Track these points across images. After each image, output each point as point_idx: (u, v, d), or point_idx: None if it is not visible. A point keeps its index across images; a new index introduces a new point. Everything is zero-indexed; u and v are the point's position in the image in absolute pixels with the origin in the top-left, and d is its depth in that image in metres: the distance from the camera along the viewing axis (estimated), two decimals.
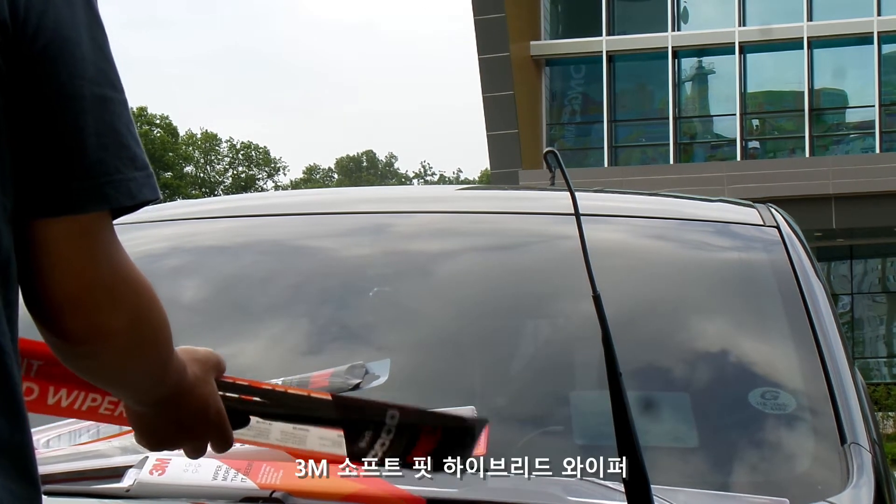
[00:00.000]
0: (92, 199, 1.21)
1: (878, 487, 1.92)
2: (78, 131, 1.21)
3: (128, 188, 1.23)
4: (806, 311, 2.26)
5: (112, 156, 1.22)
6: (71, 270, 1.21)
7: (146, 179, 1.25)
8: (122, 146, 1.23)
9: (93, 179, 1.21)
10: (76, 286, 1.22)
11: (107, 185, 1.22)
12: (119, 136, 1.23)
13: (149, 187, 1.25)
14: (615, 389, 1.62)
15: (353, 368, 1.88)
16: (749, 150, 28.29)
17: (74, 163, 1.21)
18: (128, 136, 1.24)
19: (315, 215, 2.76)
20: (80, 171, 1.21)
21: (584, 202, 1.80)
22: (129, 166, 1.24)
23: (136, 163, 1.25)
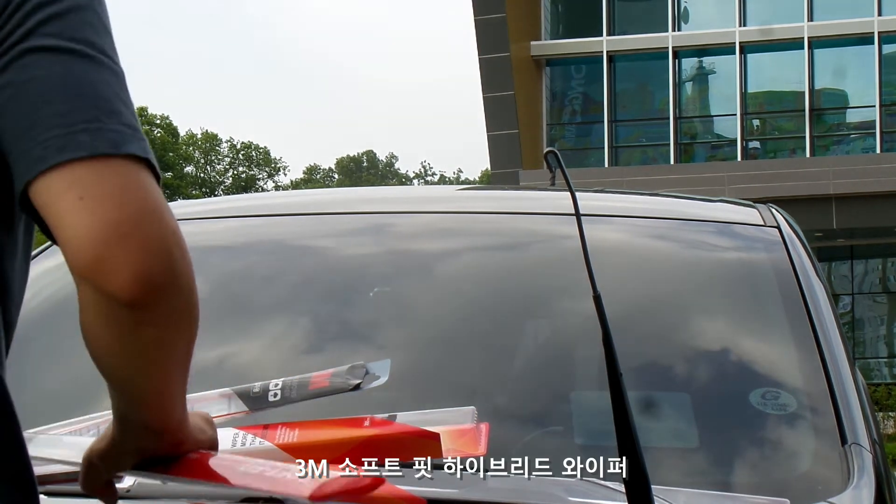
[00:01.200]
0: (66, 148, 1.11)
1: (878, 488, 1.92)
2: (40, 84, 1.13)
3: (110, 138, 1.12)
4: (806, 312, 2.26)
5: (88, 106, 1.13)
6: (110, 204, 1.10)
7: (133, 135, 1.14)
8: (102, 99, 1.14)
9: (67, 127, 1.11)
10: (122, 217, 1.10)
11: (82, 133, 1.11)
12: (98, 91, 1.14)
13: (136, 144, 1.14)
14: (616, 389, 1.61)
15: (353, 369, 1.88)
16: (749, 151, 28.29)
17: (42, 115, 1.12)
18: (111, 97, 1.15)
19: (315, 215, 2.76)
20: (49, 123, 1.12)
21: (585, 202, 1.80)
22: (111, 119, 1.13)
23: (121, 118, 1.14)
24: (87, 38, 1.16)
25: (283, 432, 1.82)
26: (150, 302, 1.13)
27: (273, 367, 2.21)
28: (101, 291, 1.12)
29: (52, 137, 1.11)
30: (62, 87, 1.12)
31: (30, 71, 1.13)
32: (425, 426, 1.80)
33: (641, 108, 28.94)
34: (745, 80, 27.73)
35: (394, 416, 1.84)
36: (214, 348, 2.35)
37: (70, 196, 1.10)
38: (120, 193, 1.11)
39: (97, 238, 1.10)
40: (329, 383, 1.88)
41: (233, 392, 1.92)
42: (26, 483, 1.20)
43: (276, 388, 1.90)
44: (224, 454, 1.53)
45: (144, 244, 1.11)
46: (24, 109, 1.12)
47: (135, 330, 1.16)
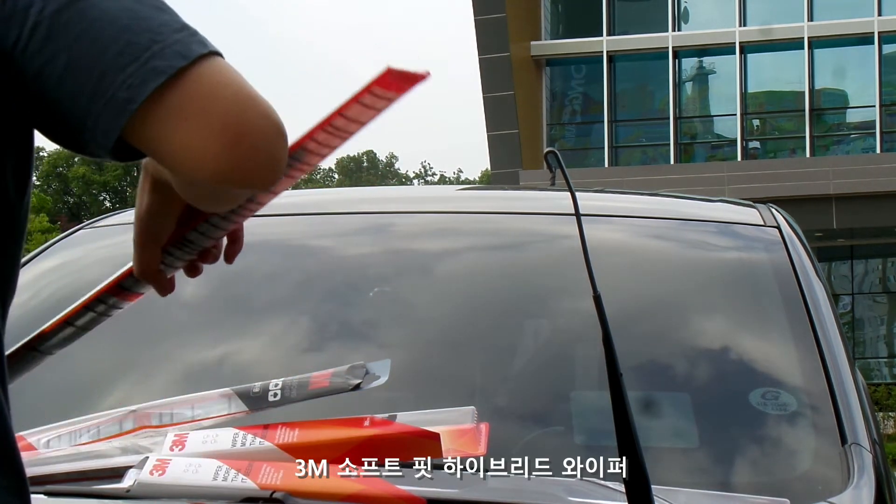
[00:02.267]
0: (144, 83, 1.12)
1: (878, 488, 1.92)
2: (90, 31, 1.13)
3: (176, 50, 1.14)
4: (806, 312, 2.26)
5: (141, 32, 1.14)
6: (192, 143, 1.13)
7: (190, 36, 1.16)
8: (146, 20, 1.15)
9: (135, 62, 1.12)
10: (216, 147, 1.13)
11: (152, 59, 1.13)
12: (138, 14, 1.15)
13: (196, 44, 1.15)
14: (616, 389, 1.61)
15: (353, 368, 1.88)
16: (750, 151, 28.29)
17: (107, 60, 1.13)
18: (151, 13, 1.16)
19: (316, 215, 2.76)
20: (117, 65, 1.13)
21: (585, 202, 1.80)
22: (163, 32, 1.15)
23: (170, 27, 1.16)
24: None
25: (283, 432, 1.82)
26: (273, 174, 1.17)
27: (273, 367, 2.21)
28: (242, 188, 1.17)
29: (128, 76, 1.12)
30: (109, 30, 1.13)
31: (72, 30, 1.14)
32: (425, 426, 1.80)
33: (641, 108, 28.94)
34: (745, 80, 27.72)
35: (394, 416, 1.84)
36: (215, 347, 2.35)
37: (174, 121, 1.13)
38: (215, 99, 1.14)
39: (221, 151, 1.13)
40: (329, 383, 1.88)
41: (233, 392, 1.92)
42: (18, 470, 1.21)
43: (276, 388, 1.90)
44: None
45: (258, 138, 1.14)
46: (87, 66, 1.13)
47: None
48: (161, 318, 2.38)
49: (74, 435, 1.93)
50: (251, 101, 1.16)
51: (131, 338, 2.32)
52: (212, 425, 1.89)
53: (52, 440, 1.92)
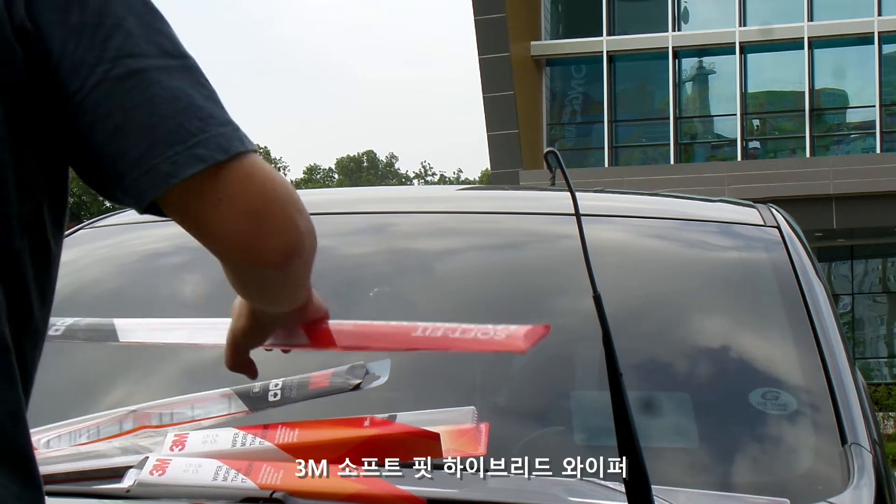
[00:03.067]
0: (186, 163, 1.23)
1: (878, 488, 1.92)
2: (148, 105, 1.23)
3: (219, 144, 1.25)
4: (806, 312, 2.26)
5: (193, 117, 1.25)
6: (243, 203, 1.27)
7: (233, 132, 1.27)
8: (198, 107, 1.25)
9: (183, 144, 1.23)
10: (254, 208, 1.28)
11: (196, 146, 1.24)
12: (193, 100, 1.25)
13: (237, 140, 1.27)
14: (616, 389, 1.61)
15: (353, 368, 1.88)
16: (750, 151, 28.29)
17: (158, 135, 1.23)
18: (205, 101, 1.26)
19: (316, 215, 2.76)
20: (166, 141, 1.23)
21: (585, 202, 1.80)
22: (210, 124, 1.25)
23: (217, 120, 1.26)
24: (166, 46, 1.27)
25: (283, 432, 1.82)
26: (292, 261, 1.37)
27: (273, 366, 2.21)
28: (256, 266, 1.33)
29: (174, 154, 1.23)
30: (166, 108, 1.24)
31: (133, 97, 1.23)
32: (425, 426, 1.80)
33: (641, 108, 28.94)
34: (745, 80, 27.73)
35: (394, 416, 1.84)
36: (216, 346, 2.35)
37: (207, 201, 1.26)
38: (244, 190, 1.28)
39: (242, 230, 1.29)
40: (329, 383, 1.88)
41: (233, 392, 1.92)
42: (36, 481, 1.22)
43: (276, 388, 1.90)
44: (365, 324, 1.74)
45: (277, 225, 1.31)
46: (139, 133, 1.23)
47: (283, 279, 1.41)
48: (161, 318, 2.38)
49: (74, 435, 1.93)
50: (280, 194, 1.31)
51: None
52: (212, 425, 1.89)
53: (52, 440, 1.92)
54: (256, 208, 1.28)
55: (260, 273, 1.36)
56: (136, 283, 2.58)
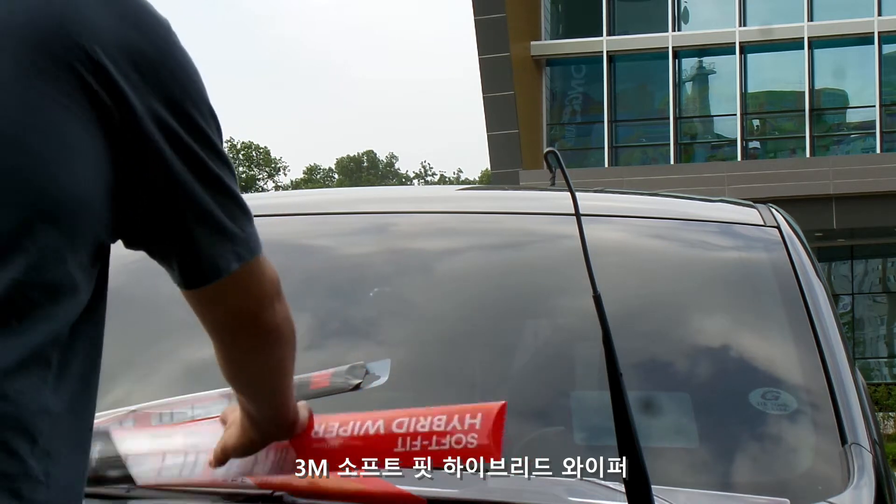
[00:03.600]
0: (231, 260, 1.46)
1: (878, 488, 1.92)
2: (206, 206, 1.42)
3: (250, 247, 1.49)
4: (806, 312, 2.26)
5: (236, 218, 1.46)
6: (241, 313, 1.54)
7: (256, 236, 1.50)
8: (239, 209, 1.46)
9: (224, 243, 1.45)
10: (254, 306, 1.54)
11: (236, 246, 1.46)
12: (235, 202, 1.46)
13: (257, 243, 1.51)
14: (616, 389, 1.61)
15: (353, 368, 1.88)
16: (749, 151, 28.29)
17: (215, 236, 1.44)
18: (241, 204, 1.47)
19: (317, 215, 2.76)
20: (212, 238, 1.44)
21: (585, 202, 1.80)
22: (246, 226, 1.48)
23: (249, 223, 1.48)
24: (218, 147, 1.44)
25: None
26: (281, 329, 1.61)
27: None
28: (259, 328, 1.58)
29: (216, 254, 1.45)
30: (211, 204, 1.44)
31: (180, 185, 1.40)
32: None
33: (641, 108, 28.94)
34: (745, 80, 27.73)
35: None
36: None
37: (238, 289, 1.50)
38: (261, 282, 1.54)
39: (257, 308, 1.55)
40: (329, 383, 1.88)
41: (233, 392, 1.92)
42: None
43: None
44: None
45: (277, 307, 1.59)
46: (175, 217, 1.42)
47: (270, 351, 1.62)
48: (161, 318, 2.38)
49: None
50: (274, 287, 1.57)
51: (131, 337, 2.32)
52: None
53: None
54: (265, 294, 1.55)
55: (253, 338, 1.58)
56: (136, 283, 2.58)
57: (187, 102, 1.40)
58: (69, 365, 1.32)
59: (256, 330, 1.57)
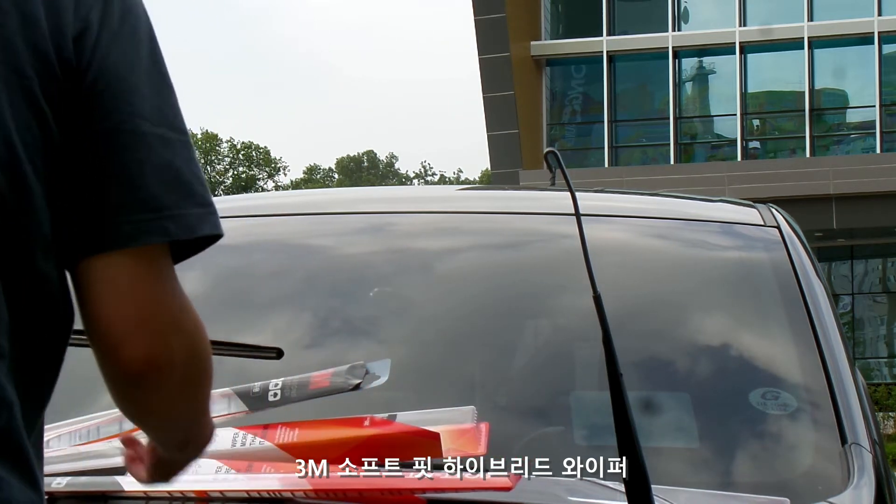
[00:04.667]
0: (150, 231, 1.25)
1: (878, 488, 1.92)
2: (136, 167, 1.25)
3: (186, 223, 1.27)
4: (806, 312, 2.26)
5: (170, 191, 1.27)
6: (133, 302, 1.26)
7: (207, 216, 1.30)
8: (181, 183, 1.28)
9: (151, 213, 1.25)
10: (139, 316, 1.26)
11: (165, 219, 1.26)
12: (177, 173, 1.27)
13: (209, 223, 1.30)
14: (616, 389, 1.62)
15: (353, 368, 1.88)
16: (750, 151, 28.29)
17: (133, 197, 1.25)
18: (187, 174, 1.28)
19: (316, 215, 2.76)
20: (138, 206, 1.25)
21: (585, 202, 1.80)
22: (188, 202, 1.28)
23: (196, 199, 1.28)
24: (170, 119, 1.30)
25: (283, 432, 1.82)
26: (150, 376, 1.29)
27: (273, 365, 2.21)
28: (118, 361, 1.29)
29: (142, 220, 1.25)
30: (151, 175, 1.26)
31: (125, 154, 1.25)
32: (425, 426, 1.80)
33: (641, 108, 28.94)
34: (745, 80, 27.73)
35: (394, 416, 1.84)
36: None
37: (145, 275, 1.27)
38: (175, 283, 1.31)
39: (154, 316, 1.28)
40: (329, 383, 1.88)
41: (233, 392, 1.92)
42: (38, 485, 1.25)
43: (276, 388, 1.90)
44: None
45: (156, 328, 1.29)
46: (116, 189, 1.25)
47: (150, 397, 1.32)
48: None
49: (74, 435, 1.93)
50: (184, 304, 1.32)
51: None
52: None
53: (52, 440, 1.92)
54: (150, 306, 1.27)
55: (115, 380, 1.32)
56: None
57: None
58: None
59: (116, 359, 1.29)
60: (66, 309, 1.30)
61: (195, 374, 1.32)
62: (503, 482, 1.70)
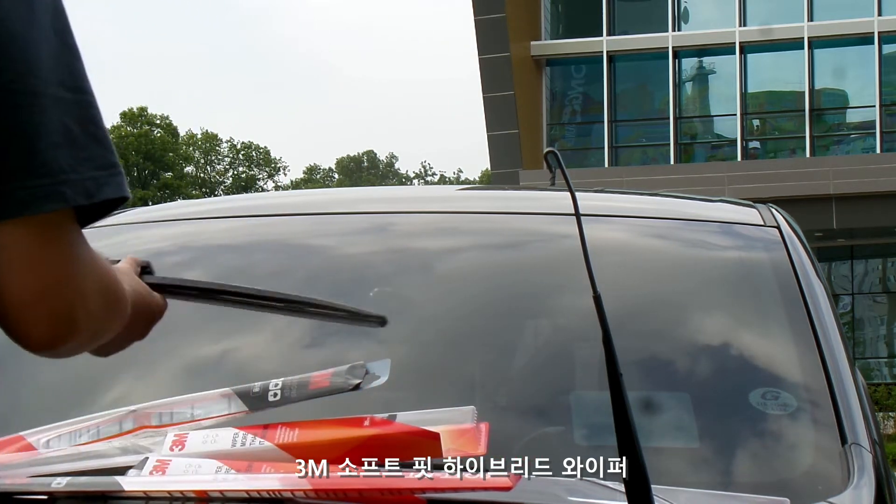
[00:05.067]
0: (46, 197, 1.17)
1: (878, 488, 1.92)
2: (30, 129, 1.17)
3: (84, 187, 1.20)
4: (806, 312, 2.26)
5: (67, 155, 1.19)
6: (32, 272, 1.19)
7: (109, 178, 1.22)
8: (79, 146, 1.20)
9: (46, 178, 1.17)
10: (39, 287, 1.20)
11: (61, 184, 1.18)
12: (75, 135, 1.20)
13: (111, 185, 1.22)
14: (616, 389, 1.62)
15: (353, 368, 1.88)
16: (749, 151, 28.30)
17: (27, 161, 1.17)
18: (85, 137, 1.21)
19: (317, 215, 2.76)
20: (32, 170, 1.17)
21: (585, 202, 1.80)
22: (86, 166, 1.20)
23: (97, 161, 1.21)
24: (66, 80, 1.21)
25: (283, 432, 1.82)
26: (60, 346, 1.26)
27: (275, 362, 2.22)
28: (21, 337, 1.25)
29: (37, 186, 1.17)
30: (46, 138, 1.18)
31: (17, 115, 1.17)
32: (425, 426, 1.80)
33: (641, 108, 28.95)
34: (745, 80, 27.74)
35: (394, 416, 1.84)
36: (217, 343, 2.35)
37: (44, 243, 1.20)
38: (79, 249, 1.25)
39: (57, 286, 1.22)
40: (329, 383, 1.88)
41: (233, 392, 1.92)
42: None
43: (276, 387, 1.90)
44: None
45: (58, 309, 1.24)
46: (9, 153, 1.17)
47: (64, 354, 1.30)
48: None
49: (74, 435, 1.93)
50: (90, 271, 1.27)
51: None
52: (212, 425, 1.89)
53: (52, 440, 1.92)
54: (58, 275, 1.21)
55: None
56: None
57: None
58: None
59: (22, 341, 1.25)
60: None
61: (104, 326, 1.30)
62: (503, 482, 1.70)
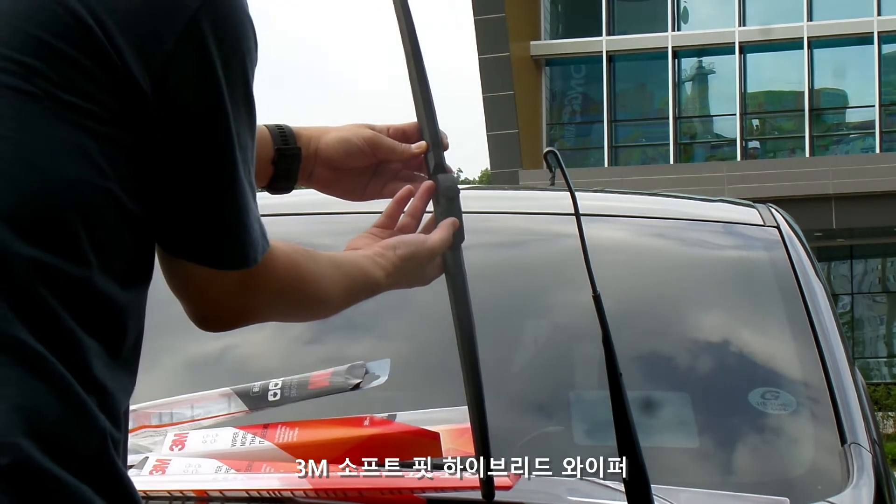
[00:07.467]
0: (236, 260, 1.33)
1: (878, 487, 1.92)
2: (225, 197, 1.30)
3: (263, 248, 1.37)
4: (806, 311, 2.26)
5: (251, 218, 1.33)
6: (219, 304, 1.39)
7: (258, 244, 1.37)
8: (253, 216, 1.34)
9: (238, 241, 1.32)
10: (226, 312, 1.41)
11: (250, 249, 1.34)
12: (249, 199, 1.32)
13: (266, 241, 1.39)
14: (615, 389, 1.62)
15: (353, 368, 1.88)
16: (749, 150, 28.29)
17: (224, 227, 1.31)
18: (252, 197, 1.34)
19: (317, 215, 2.76)
20: (226, 233, 1.31)
21: (585, 202, 1.80)
22: (259, 228, 1.36)
23: (260, 220, 1.36)
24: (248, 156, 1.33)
25: (282, 432, 1.82)
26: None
27: (275, 360, 2.21)
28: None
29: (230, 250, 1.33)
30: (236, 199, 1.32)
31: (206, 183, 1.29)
32: (425, 426, 1.80)
33: (641, 108, 28.95)
34: (745, 80, 27.73)
35: (394, 416, 1.84)
36: (215, 342, 2.35)
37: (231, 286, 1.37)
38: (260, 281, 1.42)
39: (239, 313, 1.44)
40: (329, 383, 1.88)
41: (232, 392, 1.92)
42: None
43: (275, 387, 1.90)
44: None
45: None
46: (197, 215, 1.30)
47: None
48: (160, 316, 2.38)
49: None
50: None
51: None
52: (211, 425, 1.89)
53: None
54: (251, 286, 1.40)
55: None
56: None
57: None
58: None
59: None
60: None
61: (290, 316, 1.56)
62: (503, 482, 1.70)
